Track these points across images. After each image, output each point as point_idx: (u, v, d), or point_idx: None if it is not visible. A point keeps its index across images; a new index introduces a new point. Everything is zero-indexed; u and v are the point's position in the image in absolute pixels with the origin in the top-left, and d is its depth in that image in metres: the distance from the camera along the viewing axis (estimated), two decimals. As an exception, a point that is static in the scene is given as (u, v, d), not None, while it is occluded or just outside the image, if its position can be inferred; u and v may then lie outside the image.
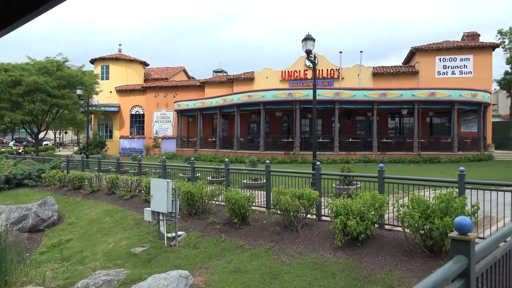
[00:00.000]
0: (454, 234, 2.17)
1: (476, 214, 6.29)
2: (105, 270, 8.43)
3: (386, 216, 7.85)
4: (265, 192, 10.26)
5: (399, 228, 7.15)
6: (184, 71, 43.33)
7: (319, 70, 29.95)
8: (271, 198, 9.00)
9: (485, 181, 8.25)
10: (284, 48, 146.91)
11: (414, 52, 30.61)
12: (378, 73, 30.29)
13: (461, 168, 7.30)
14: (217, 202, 10.81)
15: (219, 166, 14.64)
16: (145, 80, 39.19)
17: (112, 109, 36.89)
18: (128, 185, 13.99)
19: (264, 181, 10.68)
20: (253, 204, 9.56)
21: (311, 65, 14.13)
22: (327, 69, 30.61)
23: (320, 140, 26.46)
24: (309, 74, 30.24)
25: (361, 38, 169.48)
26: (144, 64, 39.84)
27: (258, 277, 6.84)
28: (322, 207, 8.76)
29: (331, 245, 7.43)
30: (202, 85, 34.54)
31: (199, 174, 14.01)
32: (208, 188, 10.73)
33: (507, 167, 19.59)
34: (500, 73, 33.51)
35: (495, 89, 34.36)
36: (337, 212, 7.17)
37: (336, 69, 30.46)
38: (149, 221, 9.77)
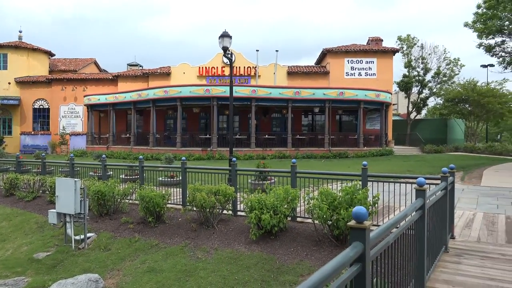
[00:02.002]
0: (352, 223, 2.36)
1: (376, 204, 6.86)
2: (1, 280, 7.67)
3: (298, 209, 8.22)
4: (181, 189, 10.13)
5: (310, 220, 7.53)
6: (95, 63, 40.81)
7: (236, 67, 30.26)
8: (187, 195, 8.91)
9: (385, 174, 9.07)
10: (202, 44, 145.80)
11: (325, 54, 32.33)
12: (293, 72, 31.48)
13: (364, 162, 7.92)
14: (130, 201, 10.41)
15: (133, 163, 14.10)
16: (51, 72, 36.14)
17: (11, 102, 33.47)
18: (30, 185, 12.84)
19: (181, 178, 10.54)
20: (169, 201, 9.38)
21: (228, 62, 14.22)
22: (244, 67, 31.03)
23: (237, 136, 26.80)
24: (227, 71, 30.40)
25: (277, 37, 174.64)
26: (50, 54, 36.71)
27: (173, 276, 6.75)
28: (238, 203, 8.89)
29: (246, 239, 7.59)
30: (115, 79, 32.88)
31: (111, 172, 13.35)
32: (121, 187, 10.29)
33: (404, 161, 21.66)
34: (399, 75, 36.77)
35: (395, 90, 37.65)
36: (252, 206, 7.33)
37: (253, 67, 31.02)
38: (54, 224, 9.09)
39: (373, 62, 31.44)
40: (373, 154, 25.92)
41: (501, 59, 19.29)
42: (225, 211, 8.82)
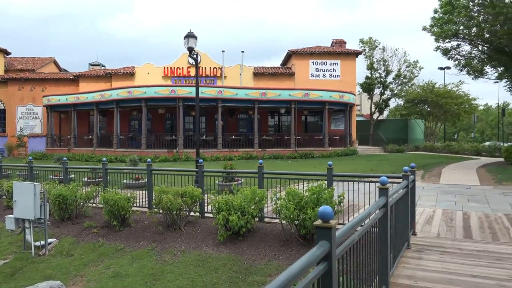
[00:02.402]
0: (319, 222, 2.40)
1: (342, 203, 7.02)
2: (-46, 291, 7.26)
3: (265, 209, 8.26)
4: (147, 192, 9.95)
5: (277, 220, 7.58)
6: (55, 62, 39.31)
7: (202, 68, 30.06)
8: (153, 198, 8.76)
9: (349, 174, 9.27)
10: (167, 44, 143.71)
11: (290, 55, 32.68)
12: (259, 73, 31.62)
13: (330, 162, 8.07)
14: (94, 205, 10.11)
15: (97, 166, 13.70)
16: (7, 71, 34.47)
17: (-38, 102, 31.71)
18: (-15, 190, 12.21)
19: (146, 180, 10.35)
20: (134, 204, 9.19)
21: (194, 63, 14.11)
22: (210, 67, 30.88)
23: (204, 137, 26.64)
24: (192, 72, 30.13)
25: (243, 38, 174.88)
26: (5, 52, 35.02)
27: (140, 280, 6.62)
28: (205, 204, 8.83)
29: (214, 241, 7.55)
30: (76, 79, 31.82)
31: (74, 176, 12.91)
32: (84, 190, 9.98)
33: (368, 161, 22.24)
34: (362, 77, 37.76)
35: (358, 91, 38.62)
36: (219, 208, 7.31)
37: (219, 68, 30.91)
38: (11, 230, 8.69)
39: (337, 63, 32.09)
40: (338, 154, 26.45)
41: (456, 62, 20.17)
42: (192, 213, 8.74)
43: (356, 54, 32.95)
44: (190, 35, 12.61)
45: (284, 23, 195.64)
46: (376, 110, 38.42)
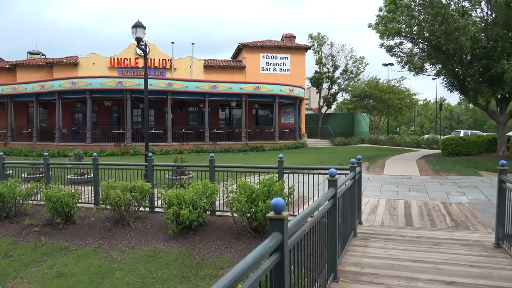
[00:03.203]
0: (271, 214, 2.43)
1: (292, 195, 7.16)
2: None
3: (217, 203, 8.26)
4: (93, 187, 9.57)
5: (229, 213, 7.59)
6: (-12, 50, 36.52)
7: (151, 59, 29.26)
8: (100, 193, 8.44)
9: (299, 166, 9.49)
10: (114, 33, 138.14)
11: (241, 48, 32.66)
12: (209, 66, 31.33)
13: (280, 155, 8.20)
14: (35, 202, 9.56)
15: (37, 161, 12.94)
16: None
17: None
18: None
19: (92, 175, 9.94)
20: (80, 201, 8.81)
21: (142, 54, 13.69)
22: (160, 59, 30.13)
23: (153, 131, 26.04)
24: (141, 63, 29.24)
25: (193, 30, 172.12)
26: None
27: (86, 279, 6.37)
28: (155, 199, 8.65)
29: (165, 236, 7.43)
30: (13, 68, 29.76)
31: (11, 171, 12.11)
32: (23, 187, 9.40)
33: (317, 153, 22.84)
34: (311, 71, 38.63)
35: (308, 85, 39.44)
36: (170, 202, 7.19)
37: (168, 59, 30.24)
38: None
39: (287, 58, 32.53)
40: (288, 147, 26.92)
41: (399, 58, 21.15)
42: (142, 208, 8.53)
43: (305, 49, 33.57)
44: (138, 25, 12.20)
45: (235, 17, 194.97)
46: (325, 104, 39.48)
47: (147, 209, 8.71)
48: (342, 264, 4.83)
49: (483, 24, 17.71)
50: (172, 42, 30.00)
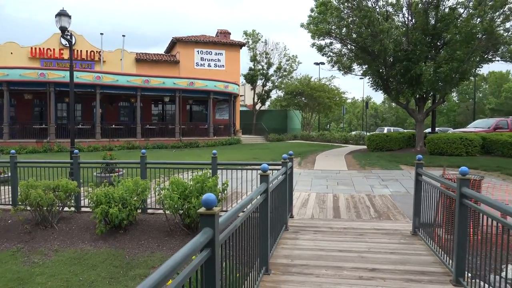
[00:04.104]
0: (202, 209, 2.42)
1: (226, 191, 7.18)
2: None
3: (148, 200, 8.04)
4: (10, 187, 8.85)
5: (161, 211, 7.43)
6: None
7: (77, 50, 27.64)
8: (19, 193, 7.82)
9: (233, 162, 9.53)
10: (34, 21, 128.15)
11: (175, 42, 32.01)
12: (142, 60, 30.32)
13: (214, 151, 8.18)
14: None
15: None
16: None
17: None
18: None
19: (10, 174, 9.18)
20: (-5, 202, 8.10)
21: (68, 44, 12.88)
22: (87, 51, 28.57)
23: (80, 126, 24.67)
24: (66, 54, 27.52)
25: (125, 23, 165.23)
26: None
27: (3, 286, 5.88)
28: (82, 198, 8.21)
29: (92, 236, 7.08)
30: None
31: None
32: None
33: (251, 149, 23.11)
34: (246, 68, 38.91)
35: (242, 82, 39.72)
36: (98, 201, 6.86)
37: (97, 52, 28.78)
38: None
39: (222, 54, 32.48)
40: (222, 143, 26.93)
41: (329, 58, 22.02)
42: (66, 208, 8.05)
43: (240, 45, 33.73)
44: (62, 13, 11.46)
45: (169, 10, 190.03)
46: (259, 101, 40.02)
47: (72, 209, 8.23)
48: (274, 257, 4.95)
49: (404, 28, 19.02)
50: (101, 34, 28.52)
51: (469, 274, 4.00)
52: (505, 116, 29.22)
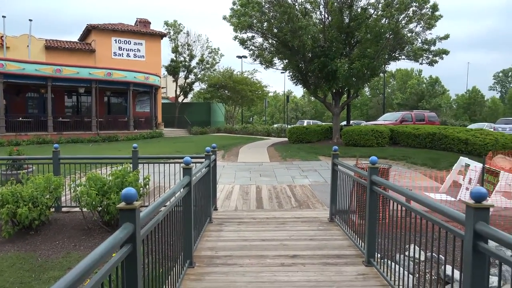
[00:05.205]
0: (122, 204, 2.35)
1: (148, 186, 7.00)
2: None
3: (63, 198, 7.56)
4: None
5: (78, 209, 7.03)
6: None
7: (-25, 34, 24.76)
8: None
9: (155, 156, 9.28)
10: None
11: (90, 30, 30.13)
12: (52, 47, 28.10)
13: (134, 145, 7.91)
14: None
15: None
16: None
17: None
18: None
19: None
20: None
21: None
22: (-14, 35, 25.72)
23: (-20, 119, 22.21)
24: (-39, 38, 24.51)
25: (32, 6, 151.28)
26: None
27: None
28: (-16, 198, 7.44)
29: (-2, 240, 6.47)
30: None
31: None
32: None
33: (174, 143, 22.69)
34: (168, 59, 37.87)
35: (164, 74, 38.67)
36: (3, 200, 6.28)
37: (-1, 36, 26.05)
38: None
39: (142, 44, 31.29)
40: (144, 137, 26.08)
41: (251, 52, 22.32)
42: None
43: (161, 36, 32.77)
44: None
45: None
46: (181, 93, 39.32)
47: (-27, 210, 7.43)
48: (198, 249, 4.95)
49: (321, 26, 19.91)
50: (4, 16, 25.81)
51: (379, 255, 4.37)
52: (410, 110, 32.16)
